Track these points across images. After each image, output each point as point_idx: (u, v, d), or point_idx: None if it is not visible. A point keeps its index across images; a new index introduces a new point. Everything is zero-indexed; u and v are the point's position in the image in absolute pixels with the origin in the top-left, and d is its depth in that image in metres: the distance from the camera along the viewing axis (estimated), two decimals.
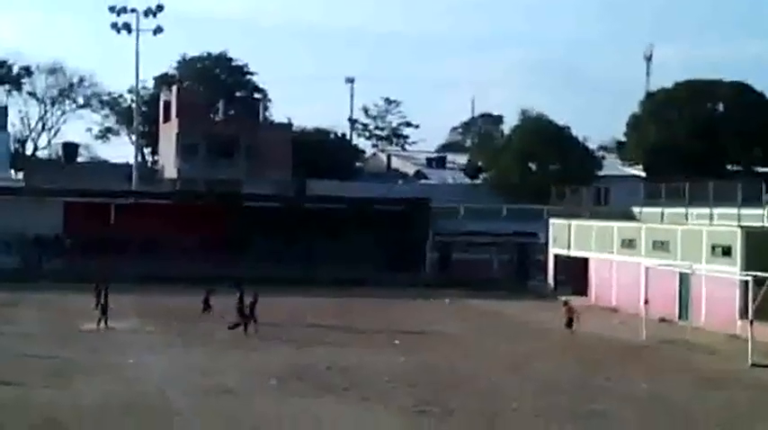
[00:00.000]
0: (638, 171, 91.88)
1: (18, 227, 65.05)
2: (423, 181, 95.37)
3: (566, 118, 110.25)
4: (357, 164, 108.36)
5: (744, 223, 50.27)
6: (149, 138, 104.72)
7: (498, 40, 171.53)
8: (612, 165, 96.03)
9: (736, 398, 31.32)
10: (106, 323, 42.78)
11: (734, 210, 53.36)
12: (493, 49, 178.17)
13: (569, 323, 45.33)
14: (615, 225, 60.29)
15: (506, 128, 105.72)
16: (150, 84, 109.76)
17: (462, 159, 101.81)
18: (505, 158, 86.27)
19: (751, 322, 38.36)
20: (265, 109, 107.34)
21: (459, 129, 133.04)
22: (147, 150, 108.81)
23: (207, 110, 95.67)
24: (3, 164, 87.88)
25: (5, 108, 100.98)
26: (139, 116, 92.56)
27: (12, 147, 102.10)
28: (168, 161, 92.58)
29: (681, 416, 27.97)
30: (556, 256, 65.28)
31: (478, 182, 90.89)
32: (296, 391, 30.25)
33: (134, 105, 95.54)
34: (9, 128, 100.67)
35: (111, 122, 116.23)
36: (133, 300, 49.80)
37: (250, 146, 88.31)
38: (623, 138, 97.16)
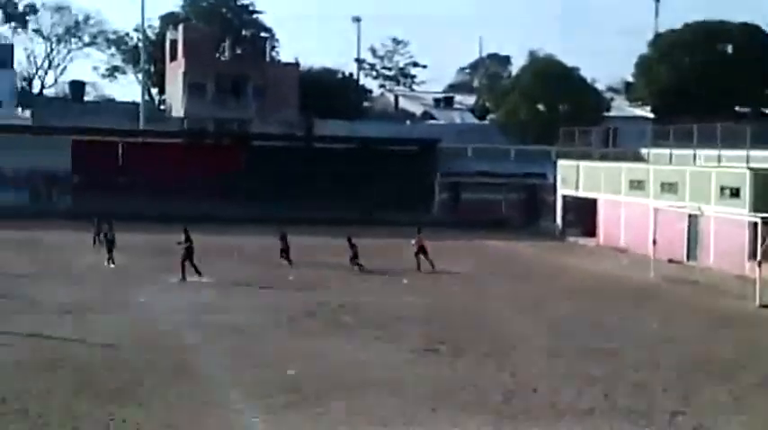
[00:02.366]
0: (646, 112, 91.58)
1: (26, 165, 65.07)
2: (430, 121, 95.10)
3: (574, 59, 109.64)
4: (364, 104, 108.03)
5: (752, 165, 50.13)
6: (156, 78, 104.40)
7: None
8: (621, 107, 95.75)
9: (745, 337, 31.41)
10: (112, 261, 43.12)
11: (742, 152, 53.19)
12: None
13: (420, 252, 44.56)
14: (624, 166, 60.18)
15: (514, 68, 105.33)
16: (156, 23, 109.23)
17: (470, 100, 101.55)
18: (513, 99, 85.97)
19: (759, 263, 38.39)
20: (272, 48, 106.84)
21: (467, 70, 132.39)
22: (154, 90, 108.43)
23: (214, 49, 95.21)
24: (10, 102, 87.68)
25: (11, 46, 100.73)
26: (146, 55, 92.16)
27: (18, 85, 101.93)
28: (175, 100, 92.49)
29: (690, 356, 28.05)
30: (564, 197, 65.22)
31: (486, 122, 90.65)
32: (307, 329, 30.43)
33: (140, 44, 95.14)
34: (15, 66, 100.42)
35: (117, 61, 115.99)
36: (140, 238, 49.73)
37: (258, 85, 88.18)
38: (632, 80, 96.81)
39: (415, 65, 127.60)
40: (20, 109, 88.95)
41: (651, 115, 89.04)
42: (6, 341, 27.09)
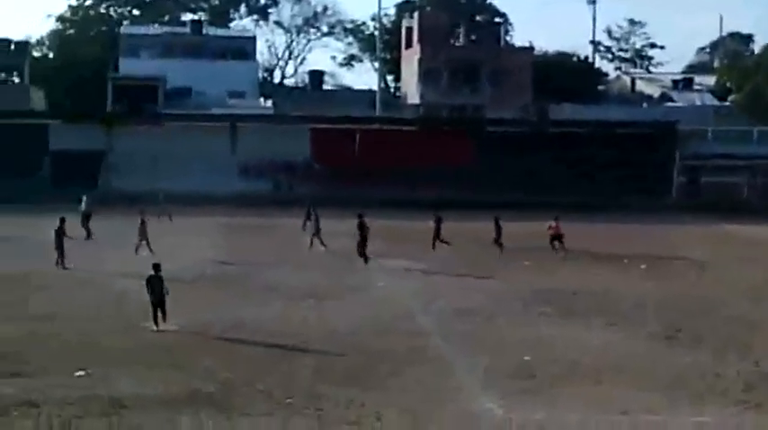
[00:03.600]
0: None
1: (268, 154, 67.05)
2: (668, 103, 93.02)
3: None
4: (600, 87, 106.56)
5: None
6: (392, 65, 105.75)
7: None
8: None
9: None
10: (322, 243, 43.76)
11: None
12: None
13: (556, 238, 43.61)
14: None
15: (757, 47, 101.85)
16: (392, 11, 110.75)
17: (710, 81, 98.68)
18: (757, 79, 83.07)
19: None
20: (506, 33, 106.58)
21: (707, 50, 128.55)
22: (389, 77, 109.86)
23: (448, 35, 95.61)
24: (252, 92, 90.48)
25: (254, 38, 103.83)
26: (382, 43, 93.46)
27: (260, 76, 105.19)
28: (411, 87, 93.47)
29: None
30: None
31: (727, 104, 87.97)
32: (540, 315, 30.33)
33: (376, 33, 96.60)
34: (257, 57, 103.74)
35: (354, 50, 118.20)
36: (377, 224, 50.27)
37: (492, 71, 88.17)
38: None
39: (653, 46, 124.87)
40: (262, 99, 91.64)
41: None
42: (251, 327, 28.01)
